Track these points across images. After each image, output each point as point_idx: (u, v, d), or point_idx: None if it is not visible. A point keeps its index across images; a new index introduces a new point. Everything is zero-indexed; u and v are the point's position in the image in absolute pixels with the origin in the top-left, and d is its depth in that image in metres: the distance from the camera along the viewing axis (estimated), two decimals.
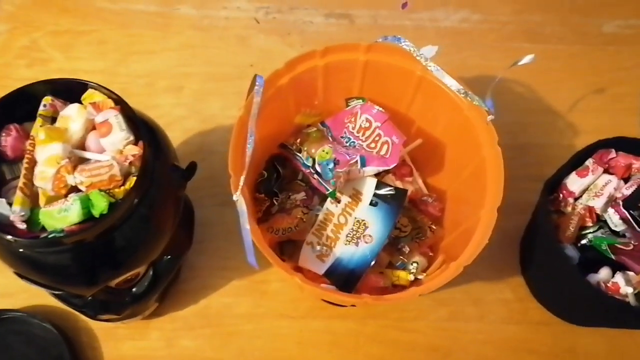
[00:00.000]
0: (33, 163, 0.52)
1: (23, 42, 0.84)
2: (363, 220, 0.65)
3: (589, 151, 0.67)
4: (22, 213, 0.49)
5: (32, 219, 0.50)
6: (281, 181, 0.68)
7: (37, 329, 0.67)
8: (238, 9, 0.89)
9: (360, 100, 0.69)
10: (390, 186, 0.66)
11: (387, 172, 0.69)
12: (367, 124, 0.67)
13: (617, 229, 0.65)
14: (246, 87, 0.62)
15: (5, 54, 0.83)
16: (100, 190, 0.50)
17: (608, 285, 0.62)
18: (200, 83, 0.83)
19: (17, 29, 0.85)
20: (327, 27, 0.88)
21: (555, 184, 0.67)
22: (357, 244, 0.63)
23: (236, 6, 0.89)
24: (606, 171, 0.67)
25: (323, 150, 0.64)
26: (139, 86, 0.82)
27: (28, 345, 0.66)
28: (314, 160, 0.64)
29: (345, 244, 0.64)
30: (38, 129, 0.52)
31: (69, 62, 0.83)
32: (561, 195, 0.67)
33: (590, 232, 0.66)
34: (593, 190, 0.66)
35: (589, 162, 0.67)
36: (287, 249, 0.67)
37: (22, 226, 0.50)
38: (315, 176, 0.64)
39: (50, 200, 0.50)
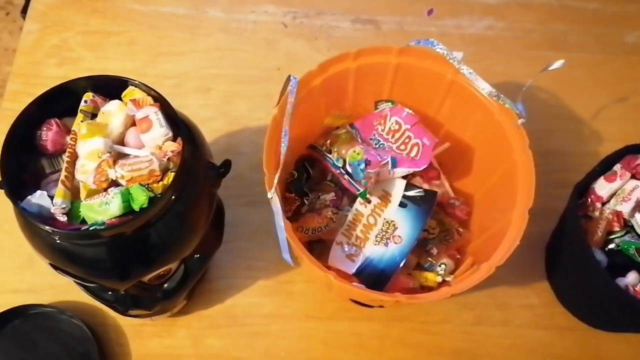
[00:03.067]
0: (74, 157, 0.52)
1: (53, 41, 0.85)
2: (392, 221, 0.65)
3: (617, 156, 0.68)
4: (64, 205, 0.50)
5: (72, 212, 0.51)
6: (311, 182, 0.69)
7: (65, 325, 0.67)
8: (266, 13, 0.90)
9: (390, 103, 0.70)
10: (420, 188, 0.66)
11: (414, 175, 0.70)
12: (397, 127, 0.68)
13: None
14: (273, 89, 0.63)
15: (35, 53, 0.84)
16: (140, 185, 0.51)
17: (636, 288, 0.62)
18: (227, 85, 0.84)
19: (48, 28, 0.86)
20: (353, 33, 0.89)
21: (583, 188, 0.68)
22: (386, 244, 0.64)
23: (264, 10, 0.90)
24: (634, 176, 0.67)
25: (354, 151, 0.64)
26: (167, 87, 0.82)
27: (54, 341, 0.67)
28: (344, 161, 0.65)
29: (375, 244, 0.64)
30: (80, 124, 0.53)
31: (98, 62, 0.84)
32: (589, 200, 0.67)
33: (617, 237, 0.66)
34: (621, 195, 0.67)
35: (617, 168, 0.67)
36: (316, 248, 0.67)
37: (63, 218, 0.50)
38: (346, 177, 0.64)
39: (91, 193, 0.51)
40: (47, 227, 0.49)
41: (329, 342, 0.70)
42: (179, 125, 0.54)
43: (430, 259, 0.66)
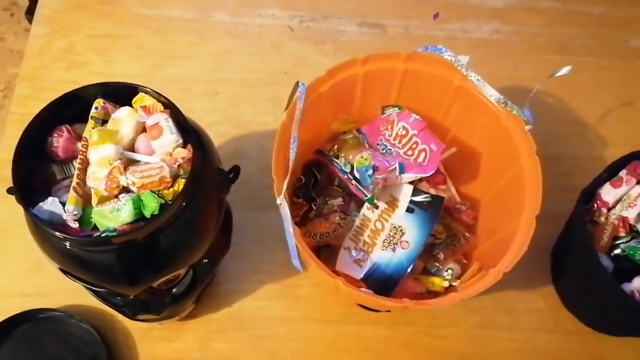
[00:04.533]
0: (86, 164, 0.53)
1: (61, 45, 0.86)
2: (400, 227, 0.65)
3: (623, 162, 0.68)
4: (75, 212, 0.51)
5: (84, 219, 0.51)
6: (318, 187, 0.69)
7: (74, 328, 0.68)
8: (272, 17, 0.90)
9: (397, 108, 0.70)
10: (427, 193, 0.66)
11: (420, 179, 0.70)
12: (404, 132, 0.68)
13: None
14: (280, 93, 0.63)
15: (44, 57, 0.85)
16: (151, 191, 0.51)
17: None
18: (234, 88, 0.84)
19: (55, 33, 0.87)
20: (359, 36, 0.90)
21: (589, 194, 0.68)
22: (394, 249, 0.64)
23: (271, 14, 0.91)
24: (639, 182, 0.68)
25: (362, 157, 0.65)
26: (175, 91, 0.81)
27: (64, 345, 0.67)
28: (352, 166, 0.65)
29: (382, 250, 0.64)
30: (91, 131, 0.54)
31: (106, 66, 0.85)
32: (595, 205, 0.68)
33: (623, 242, 0.66)
34: (626, 200, 0.67)
35: (623, 173, 0.68)
36: (324, 253, 0.67)
37: (75, 225, 0.51)
38: (354, 182, 0.65)
39: (103, 200, 0.51)
40: (59, 234, 0.49)
41: (336, 346, 0.70)
42: (188, 131, 0.55)
43: (437, 263, 0.67)
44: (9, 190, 0.51)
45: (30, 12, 0.89)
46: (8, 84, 1.50)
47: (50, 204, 0.51)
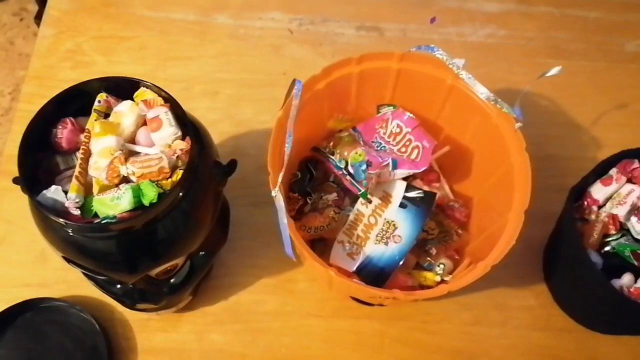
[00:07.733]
0: (88, 154, 0.55)
1: (68, 46, 0.88)
2: (392, 221, 0.67)
3: (614, 161, 0.69)
4: (77, 200, 0.52)
5: (85, 206, 0.53)
6: (313, 182, 0.71)
7: (75, 318, 0.69)
8: (273, 20, 0.93)
9: (392, 107, 0.72)
10: (420, 189, 0.68)
11: (414, 177, 0.72)
12: (398, 130, 0.70)
13: (639, 237, 0.67)
14: (279, 94, 0.65)
15: (51, 57, 0.87)
16: (150, 181, 0.53)
17: (631, 290, 0.64)
18: (234, 89, 0.86)
19: (62, 33, 0.89)
20: (357, 39, 0.92)
21: (580, 192, 0.69)
22: (386, 243, 0.66)
23: (271, 17, 0.93)
24: (629, 180, 0.69)
25: (356, 153, 0.66)
26: (176, 90, 0.83)
27: (64, 334, 0.69)
28: (346, 162, 0.67)
29: (375, 244, 0.66)
30: (93, 123, 0.56)
31: (110, 66, 0.87)
32: (585, 203, 0.69)
33: (613, 240, 0.68)
34: (617, 198, 0.68)
35: (613, 172, 0.69)
36: (318, 247, 0.69)
37: (77, 212, 0.53)
38: (348, 177, 0.66)
39: (104, 189, 0.53)
40: (61, 220, 0.51)
41: (330, 340, 0.72)
42: (187, 125, 0.57)
43: (429, 258, 0.68)
44: (15, 180, 0.53)
45: (39, 17, 0.92)
46: (16, 87, 1.53)
47: (53, 192, 0.53)
